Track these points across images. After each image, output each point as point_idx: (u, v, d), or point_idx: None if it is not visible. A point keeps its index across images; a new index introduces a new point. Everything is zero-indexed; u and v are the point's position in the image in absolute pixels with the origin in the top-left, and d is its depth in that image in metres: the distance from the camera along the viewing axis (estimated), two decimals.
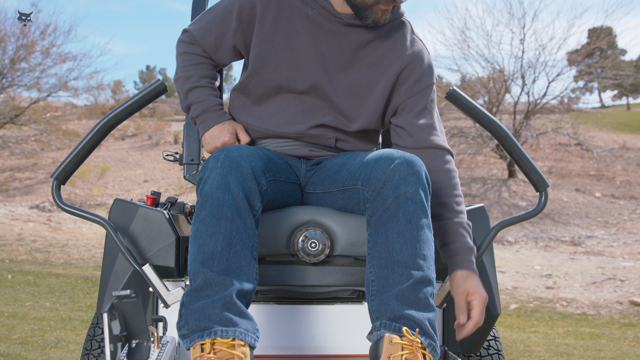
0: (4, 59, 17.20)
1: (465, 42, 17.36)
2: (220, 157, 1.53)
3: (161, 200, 2.07)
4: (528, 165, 1.88)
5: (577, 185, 15.84)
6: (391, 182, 1.53)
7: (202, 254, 1.45)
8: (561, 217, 13.38)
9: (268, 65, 1.81)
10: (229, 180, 1.50)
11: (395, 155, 1.57)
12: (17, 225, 10.16)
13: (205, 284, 1.42)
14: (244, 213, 1.50)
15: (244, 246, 1.48)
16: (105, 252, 1.91)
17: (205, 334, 1.36)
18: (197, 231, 1.48)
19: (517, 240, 11.61)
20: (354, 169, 1.67)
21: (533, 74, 16.38)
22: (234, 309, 1.41)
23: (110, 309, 1.21)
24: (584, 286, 7.39)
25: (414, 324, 1.43)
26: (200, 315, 1.38)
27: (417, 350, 1.39)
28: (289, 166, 1.84)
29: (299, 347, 1.66)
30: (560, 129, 16.94)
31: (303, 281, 1.68)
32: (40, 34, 17.73)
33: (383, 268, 1.49)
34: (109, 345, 1.18)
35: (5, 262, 7.78)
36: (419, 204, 1.52)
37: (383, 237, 1.51)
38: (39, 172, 17.96)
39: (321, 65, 1.80)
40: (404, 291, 1.45)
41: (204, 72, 1.87)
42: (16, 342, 4.21)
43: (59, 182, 1.78)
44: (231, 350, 1.35)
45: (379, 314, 1.46)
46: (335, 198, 1.73)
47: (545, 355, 4.30)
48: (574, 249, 10.68)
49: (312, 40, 1.79)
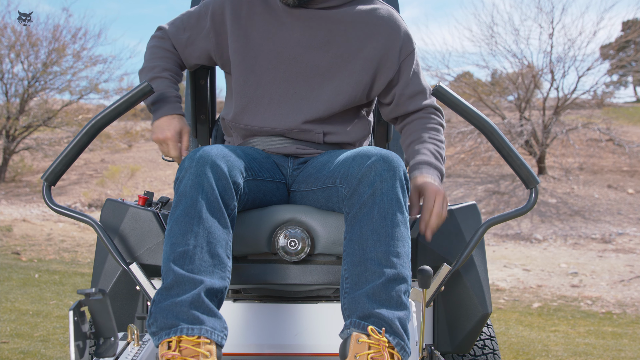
0: (37, 62, 17.61)
1: (493, 38, 17.11)
2: (196, 156, 1.55)
3: (154, 200, 2.10)
4: (517, 162, 1.85)
5: (609, 182, 15.51)
6: (367, 178, 1.53)
7: (173, 253, 1.47)
8: (592, 214, 13.12)
9: (247, 58, 1.85)
10: (202, 179, 1.51)
11: (372, 152, 1.57)
12: (47, 226, 10.39)
13: (176, 282, 1.43)
14: (217, 212, 1.51)
15: (216, 245, 1.49)
16: (97, 251, 1.95)
17: (172, 331, 1.38)
18: (171, 230, 1.50)
19: (545, 238, 11.43)
20: (334, 166, 1.67)
21: (562, 69, 16.10)
22: (202, 308, 1.42)
23: (77, 307, 1.24)
24: (610, 284, 7.24)
25: (382, 322, 1.42)
26: (168, 313, 1.40)
27: (383, 349, 1.38)
28: (274, 165, 1.85)
29: (281, 345, 1.67)
30: (591, 124, 16.60)
31: (284, 280, 1.68)
32: (72, 37, 18.12)
33: (356, 265, 1.48)
34: (78, 342, 1.21)
35: (34, 262, 7.97)
36: (395, 201, 1.51)
37: (358, 234, 1.50)
38: (71, 173, 18.31)
39: (299, 50, 1.85)
40: (375, 289, 1.45)
41: (168, 65, 1.91)
42: (37, 339, 4.31)
43: (49, 183, 1.82)
44: (196, 347, 1.36)
45: (350, 312, 1.46)
46: (317, 196, 1.74)
47: (563, 355, 4.23)
48: (604, 247, 10.46)
49: (287, 29, 1.85)
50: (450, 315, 1.91)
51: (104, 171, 17.83)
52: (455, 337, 1.91)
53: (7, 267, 7.29)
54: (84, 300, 1.28)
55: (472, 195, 14.67)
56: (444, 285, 1.80)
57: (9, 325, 4.55)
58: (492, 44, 18.44)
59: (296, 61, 1.85)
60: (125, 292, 1.88)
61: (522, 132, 15.49)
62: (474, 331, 1.91)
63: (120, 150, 20.38)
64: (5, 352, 3.90)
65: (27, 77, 17.52)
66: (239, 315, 1.73)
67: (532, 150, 15.91)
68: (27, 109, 17.59)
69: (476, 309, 1.90)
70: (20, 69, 17.71)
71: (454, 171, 17.01)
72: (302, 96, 1.86)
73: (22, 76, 17.61)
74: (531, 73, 16.34)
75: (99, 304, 1.28)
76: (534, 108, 16.79)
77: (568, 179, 15.55)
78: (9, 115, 17.05)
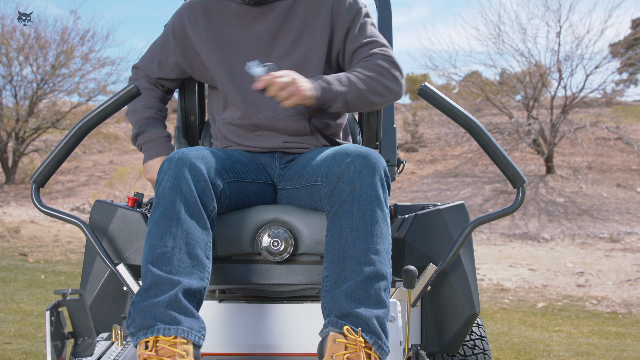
0: (46, 65, 17.73)
1: (500, 37, 17.05)
2: (175, 158, 1.56)
3: (144, 201, 2.11)
4: (504, 161, 1.85)
5: (617, 181, 15.41)
6: (346, 175, 1.53)
7: (152, 254, 1.48)
8: (600, 213, 13.03)
9: (218, 60, 1.92)
10: (181, 181, 1.53)
11: (351, 150, 1.57)
12: (54, 227, 10.46)
13: (154, 283, 1.45)
14: (196, 214, 1.52)
15: (195, 246, 1.50)
16: (86, 252, 1.96)
17: (149, 331, 1.39)
18: (150, 232, 1.52)
19: (553, 237, 11.37)
20: (316, 164, 1.68)
21: (570, 67, 16.01)
22: (179, 308, 1.43)
23: (54, 307, 1.25)
24: (617, 284, 7.19)
25: (360, 321, 1.42)
26: (145, 314, 1.41)
27: (360, 349, 1.38)
28: (260, 167, 1.86)
29: (266, 345, 1.67)
30: (599, 122, 16.49)
31: (268, 280, 1.69)
32: (80, 39, 18.23)
33: (336, 263, 1.49)
34: (56, 342, 1.22)
35: (40, 263, 8.02)
36: (374, 197, 1.51)
37: (337, 232, 1.51)
38: (80, 174, 18.42)
39: (261, 45, 1.92)
40: (353, 287, 1.45)
41: (149, 103, 2.04)
42: (41, 340, 4.34)
43: (38, 185, 1.83)
44: (173, 347, 1.37)
45: (329, 310, 1.47)
46: (301, 194, 1.75)
47: (564, 355, 4.21)
48: (612, 246, 10.39)
49: (243, 28, 1.92)
50: (438, 315, 1.91)
51: (112, 172, 17.93)
52: (443, 337, 1.90)
53: (13, 268, 7.35)
54: (61, 300, 1.29)
55: (480, 195, 14.61)
56: (430, 285, 1.80)
57: (13, 326, 4.59)
58: (499, 43, 18.37)
59: (261, 56, 1.90)
60: (113, 292, 1.90)
61: (530, 131, 15.42)
62: (461, 331, 1.90)
63: (128, 152, 20.48)
64: (9, 352, 3.93)
65: (36, 79, 17.65)
66: (224, 315, 1.73)
67: (540, 150, 15.83)
68: (36, 111, 17.71)
69: (464, 309, 1.89)
70: (29, 72, 17.84)
71: (461, 171, 16.97)
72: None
73: (31, 78, 17.75)
74: (539, 72, 16.26)
75: (76, 304, 1.29)
76: (542, 107, 16.71)
77: (576, 178, 15.46)
78: (18, 117, 17.17)
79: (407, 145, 20.43)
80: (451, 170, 17.33)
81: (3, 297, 5.61)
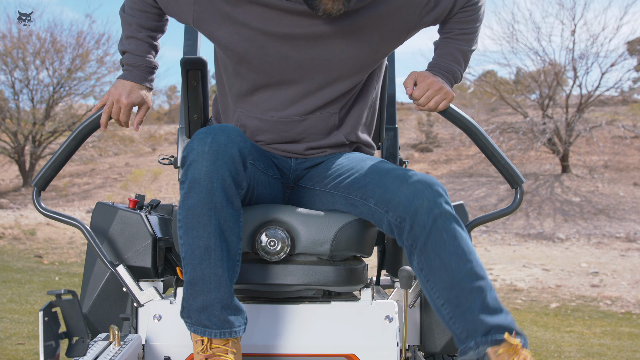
0: (62, 69, 17.94)
1: (514, 36, 16.96)
2: (208, 140, 1.53)
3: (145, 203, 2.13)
4: (501, 162, 1.85)
5: (635, 179, 15.24)
6: (422, 208, 1.55)
7: (198, 247, 1.52)
8: (617, 213, 12.90)
9: (255, 43, 1.75)
10: (218, 166, 1.51)
11: (413, 179, 1.59)
12: (70, 229, 10.56)
13: (201, 279, 1.52)
14: (232, 197, 1.54)
15: (233, 233, 1.55)
16: (87, 253, 1.99)
17: (207, 332, 1.52)
18: (187, 220, 1.53)
19: (568, 237, 11.28)
20: (364, 182, 1.67)
21: (585, 66, 15.87)
22: (230, 308, 1.54)
23: (47, 307, 1.27)
24: (632, 284, 7.12)
25: (504, 329, 1.50)
26: (200, 315, 1.53)
27: (521, 349, 1.47)
28: (271, 161, 1.83)
29: (263, 345, 1.68)
30: (615, 121, 16.32)
31: (266, 280, 1.70)
32: (95, 43, 18.45)
33: (449, 289, 1.53)
34: (49, 343, 1.24)
35: (55, 265, 8.12)
36: (453, 219, 1.56)
37: (438, 262, 1.54)
38: (96, 177, 18.61)
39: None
40: (482, 304, 1.52)
41: (145, 22, 1.86)
42: None
43: (39, 188, 1.86)
44: (226, 346, 1.52)
45: (468, 333, 1.52)
46: (335, 199, 1.75)
47: (575, 356, 4.17)
48: (628, 246, 10.28)
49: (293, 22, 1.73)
50: (436, 316, 1.91)
51: (127, 175, 18.09)
52: (442, 337, 1.90)
53: (28, 270, 7.44)
54: (55, 301, 1.31)
55: (495, 195, 14.53)
56: None
57: (26, 327, 4.64)
58: (513, 42, 18.28)
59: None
60: (114, 293, 1.92)
61: (545, 130, 15.30)
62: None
63: (144, 154, 20.64)
64: (21, 353, 3.98)
65: (52, 83, 17.88)
66: None
67: (555, 149, 15.71)
68: (52, 114, 17.94)
69: None
70: (46, 76, 18.09)
71: (476, 171, 16.89)
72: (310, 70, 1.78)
73: (48, 82, 18.00)
74: (554, 70, 16.14)
75: (69, 304, 1.31)
76: (557, 106, 16.59)
77: (592, 177, 15.31)
78: (35, 120, 17.39)
79: (422, 146, 20.38)
80: (466, 170, 17.26)
81: (18, 299, 5.68)
